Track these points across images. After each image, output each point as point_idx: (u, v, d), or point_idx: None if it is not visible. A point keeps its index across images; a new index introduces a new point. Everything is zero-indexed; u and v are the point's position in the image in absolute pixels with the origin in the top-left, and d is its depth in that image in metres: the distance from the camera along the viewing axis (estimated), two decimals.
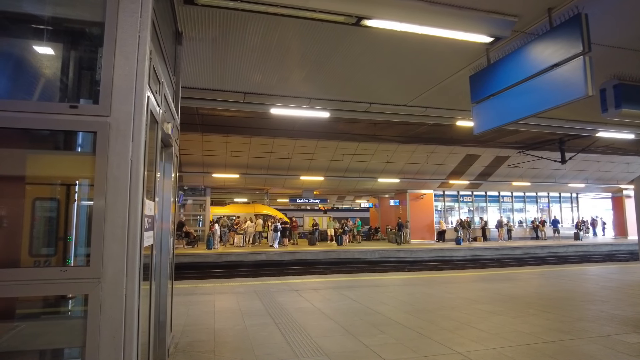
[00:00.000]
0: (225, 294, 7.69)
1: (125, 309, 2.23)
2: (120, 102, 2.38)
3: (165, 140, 3.49)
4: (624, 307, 6.29)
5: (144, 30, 2.49)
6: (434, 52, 5.86)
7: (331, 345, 4.43)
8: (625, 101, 5.08)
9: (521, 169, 22.76)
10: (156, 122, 2.96)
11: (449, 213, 28.15)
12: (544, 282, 9.12)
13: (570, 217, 30.97)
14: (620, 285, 8.53)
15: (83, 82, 2.88)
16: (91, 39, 2.85)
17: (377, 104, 8.23)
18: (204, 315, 5.94)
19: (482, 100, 5.58)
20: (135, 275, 2.29)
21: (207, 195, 24.42)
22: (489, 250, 22.11)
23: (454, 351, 4.19)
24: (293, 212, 35.79)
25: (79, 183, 2.94)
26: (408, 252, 20.84)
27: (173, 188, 4.07)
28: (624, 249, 24.12)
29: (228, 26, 5.10)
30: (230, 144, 18.10)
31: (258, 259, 18.40)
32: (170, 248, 3.96)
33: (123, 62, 2.42)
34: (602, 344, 4.43)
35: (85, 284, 2.21)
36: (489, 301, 6.83)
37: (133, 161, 2.36)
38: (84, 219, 2.88)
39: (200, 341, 4.62)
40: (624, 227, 29.28)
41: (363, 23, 4.43)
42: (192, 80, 6.96)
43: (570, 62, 4.16)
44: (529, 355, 4.10)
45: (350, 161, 20.45)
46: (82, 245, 2.81)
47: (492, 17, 4.60)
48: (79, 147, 2.90)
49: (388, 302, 6.83)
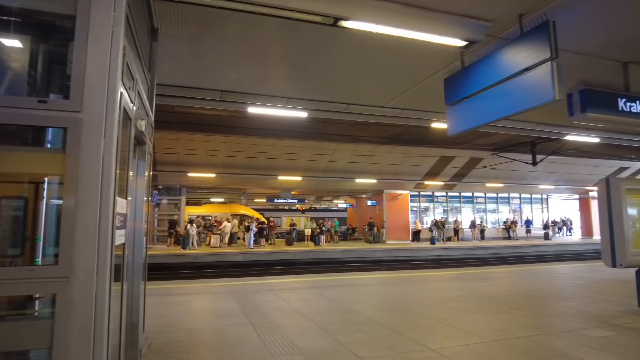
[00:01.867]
0: (202, 295, 7.60)
1: (96, 308, 2.18)
2: (92, 97, 2.33)
3: (138, 137, 3.43)
4: (589, 304, 6.55)
5: (117, 25, 2.44)
6: (410, 55, 5.96)
7: (307, 344, 4.44)
8: (590, 106, 5.30)
9: (495, 171, 23.34)
10: (129, 119, 2.90)
11: (424, 213, 28.64)
12: (517, 280, 9.40)
13: (540, 217, 31.99)
14: (587, 282, 8.88)
15: (53, 77, 2.79)
16: (62, 32, 2.76)
17: (354, 104, 8.29)
18: (179, 315, 5.85)
19: (456, 103, 5.71)
20: (107, 274, 2.25)
21: (183, 195, 24.00)
22: (463, 250, 22.58)
23: (427, 348, 4.27)
24: (271, 212, 35.62)
25: (49, 181, 2.85)
26: (385, 252, 21.07)
27: (147, 187, 3.99)
28: (590, 248, 25.07)
29: (206, 23, 5.04)
30: (207, 142, 17.85)
31: (235, 260, 18.22)
32: (143, 248, 3.88)
33: (95, 57, 2.37)
34: (568, 339, 4.61)
35: (53, 283, 2.15)
36: (464, 299, 6.99)
37: (105, 158, 2.31)
38: (54, 218, 2.80)
39: (175, 342, 4.56)
40: (591, 227, 30.55)
41: (340, 24, 4.46)
42: (168, 78, 6.84)
43: (540, 67, 4.31)
44: (499, 350, 4.22)
45: (329, 161, 20.50)
46: (51, 244, 2.73)
47: (466, 21, 4.71)
48: (48, 144, 2.81)
49: (365, 301, 6.90)
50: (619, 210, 5.10)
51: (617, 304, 6.53)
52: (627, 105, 5.45)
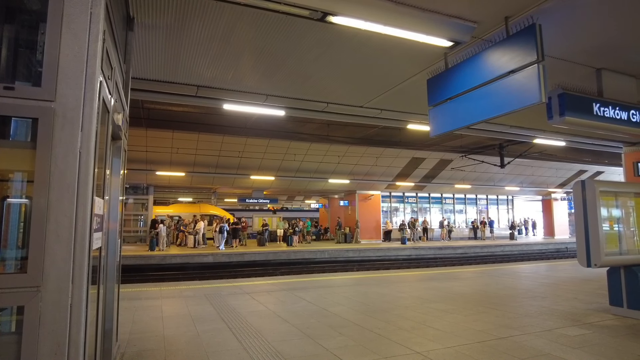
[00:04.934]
0: (173, 298, 7.27)
1: (71, 320, 1.95)
2: (68, 86, 2.09)
3: (115, 132, 3.17)
4: (561, 302, 6.72)
5: (96, 7, 2.21)
6: (393, 55, 5.91)
7: (290, 350, 4.28)
8: (568, 109, 5.41)
9: (463, 172, 23.91)
10: (107, 111, 2.66)
11: (394, 214, 28.99)
12: (488, 280, 9.57)
13: (506, 218, 33.10)
14: (555, 281, 9.16)
15: (19, 62, 2.51)
16: (30, 12, 2.49)
17: (334, 104, 8.18)
18: (151, 321, 5.54)
19: (439, 104, 5.70)
20: (83, 282, 2.02)
21: (150, 194, 23.18)
22: (433, 249, 22.97)
23: (413, 351, 4.21)
24: (241, 212, 35.07)
25: (10, 178, 2.56)
26: (357, 252, 21.11)
27: (121, 185, 3.72)
28: (552, 247, 26.25)
29: (184, 14, 4.78)
30: (177, 140, 17.27)
31: (205, 261, 17.73)
32: (118, 249, 3.61)
33: (71, 40, 2.13)
34: (548, 338, 4.67)
35: (20, 293, 1.90)
36: (441, 300, 7.02)
37: (82, 153, 2.08)
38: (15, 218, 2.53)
39: (149, 350, 4.28)
40: (552, 228, 31.98)
41: (328, 19, 4.33)
42: (141, 71, 6.50)
43: (526, 70, 4.34)
44: (484, 352, 4.21)
45: (302, 161, 20.34)
46: (12, 247, 2.46)
47: (453, 21, 4.70)
48: (9, 137, 2.51)
49: (343, 303, 6.80)
50: (594, 212, 5.23)
51: (586, 302, 6.74)
52: (601, 110, 5.61)
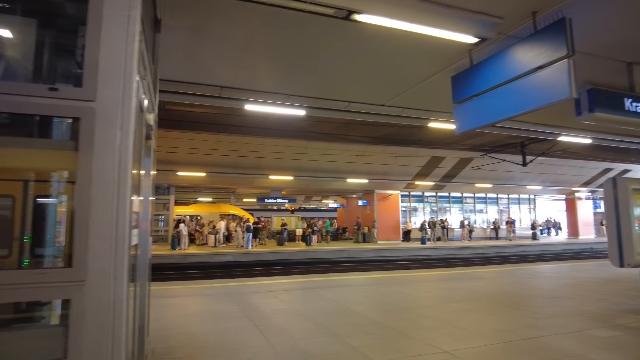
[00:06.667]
0: (196, 296, 7.38)
1: (114, 315, 2.01)
2: (108, 86, 2.14)
3: (147, 132, 3.25)
4: (588, 303, 6.56)
5: (134, 9, 2.27)
6: (416, 52, 5.86)
7: (317, 348, 4.29)
8: (597, 105, 5.29)
9: (484, 171, 23.52)
10: (142, 111, 2.73)
11: (413, 214, 28.71)
12: (510, 280, 9.41)
13: (527, 217, 32.40)
14: (580, 282, 8.94)
15: (59, 65, 2.60)
16: (70, 16, 2.57)
17: (356, 102, 8.17)
18: (176, 318, 5.65)
19: (464, 101, 5.64)
20: (124, 278, 2.07)
21: (171, 194, 23.59)
22: (453, 249, 22.70)
23: (441, 350, 4.18)
24: (259, 212, 35.36)
25: (53, 178, 2.65)
26: (375, 252, 21.03)
27: (152, 185, 3.80)
28: (576, 248, 25.58)
29: (209, 15, 4.85)
30: (197, 141, 17.52)
31: (224, 260, 17.95)
32: (149, 248, 3.69)
33: (110, 42, 2.18)
34: (578, 339, 4.57)
35: (67, 287, 1.97)
36: (462, 299, 6.94)
37: (121, 151, 2.14)
38: (53, 215, 2.62)
39: (177, 346, 4.37)
40: (576, 227, 31.09)
41: (353, 17, 4.33)
42: (165, 72, 6.61)
43: (555, 65, 4.25)
44: (512, 352, 4.15)
45: (320, 161, 20.35)
46: (50, 245, 2.55)
47: (478, 17, 4.63)
48: (52, 137, 2.60)
49: (364, 302, 6.80)
50: (626, 210, 5.10)
51: (615, 303, 6.56)
52: (634, 105, 5.46)
